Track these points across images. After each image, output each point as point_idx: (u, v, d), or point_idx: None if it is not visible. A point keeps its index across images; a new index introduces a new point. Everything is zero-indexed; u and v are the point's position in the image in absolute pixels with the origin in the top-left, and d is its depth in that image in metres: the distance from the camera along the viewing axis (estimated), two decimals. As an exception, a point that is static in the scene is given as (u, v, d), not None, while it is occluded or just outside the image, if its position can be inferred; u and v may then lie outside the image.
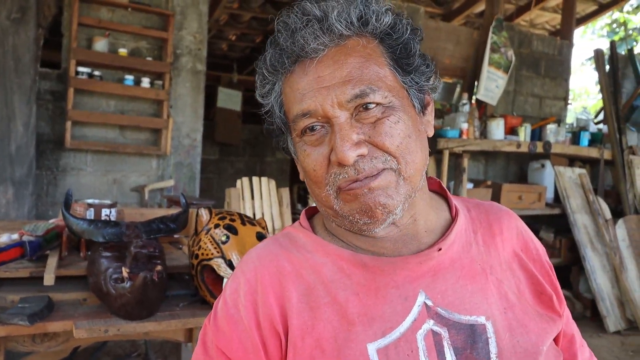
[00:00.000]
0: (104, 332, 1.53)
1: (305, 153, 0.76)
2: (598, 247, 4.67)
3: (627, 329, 4.44)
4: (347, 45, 0.73)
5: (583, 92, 14.39)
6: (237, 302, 0.76)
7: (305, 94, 0.73)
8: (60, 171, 3.98)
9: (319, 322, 0.72)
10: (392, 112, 0.73)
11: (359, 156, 0.71)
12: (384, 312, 0.72)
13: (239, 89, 8.02)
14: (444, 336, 0.72)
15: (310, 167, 0.75)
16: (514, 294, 0.79)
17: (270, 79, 0.79)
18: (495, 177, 5.43)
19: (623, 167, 5.04)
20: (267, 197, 3.69)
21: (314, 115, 0.73)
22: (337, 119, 0.72)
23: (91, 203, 2.07)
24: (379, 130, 0.72)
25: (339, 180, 0.72)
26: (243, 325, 0.74)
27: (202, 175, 4.88)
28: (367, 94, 0.71)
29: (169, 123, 4.20)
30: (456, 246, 0.79)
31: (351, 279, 0.75)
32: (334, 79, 0.72)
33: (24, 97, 3.28)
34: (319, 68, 0.73)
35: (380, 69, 0.74)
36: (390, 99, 0.73)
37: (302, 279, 0.76)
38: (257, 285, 0.76)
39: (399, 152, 0.72)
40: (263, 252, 0.81)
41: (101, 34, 4.04)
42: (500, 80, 4.93)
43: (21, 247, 1.71)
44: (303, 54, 0.73)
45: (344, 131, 0.71)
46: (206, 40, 4.53)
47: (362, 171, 0.71)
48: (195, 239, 1.75)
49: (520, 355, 0.74)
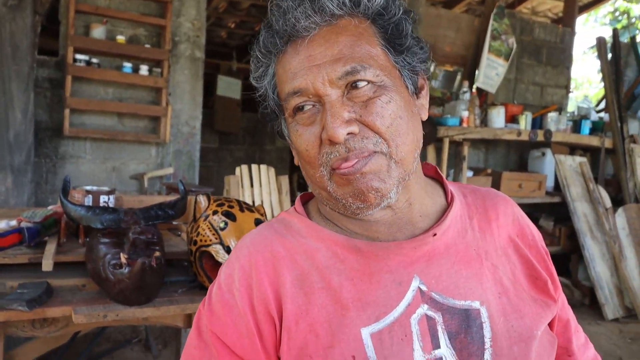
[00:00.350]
0: (103, 318, 1.54)
1: (297, 133, 0.76)
2: (597, 235, 4.67)
3: (626, 317, 4.46)
4: (338, 24, 0.73)
5: (585, 81, 14.34)
6: (232, 287, 0.76)
7: (296, 73, 0.73)
8: (59, 159, 3.97)
9: (313, 307, 0.72)
10: (384, 92, 0.73)
11: (349, 134, 0.71)
12: (377, 297, 0.73)
13: (238, 77, 7.99)
14: (438, 321, 0.72)
15: (303, 147, 0.75)
16: (508, 279, 0.79)
17: (263, 62, 0.79)
18: (495, 166, 5.43)
19: (624, 156, 5.03)
20: (266, 184, 3.68)
21: (305, 94, 0.73)
22: (328, 96, 0.72)
23: (89, 190, 2.06)
24: (370, 110, 0.72)
25: (331, 159, 0.72)
26: (237, 309, 0.74)
27: (201, 163, 4.88)
28: (357, 70, 0.71)
29: (168, 111, 4.19)
30: (451, 231, 0.79)
31: (345, 264, 0.75)
32: (325, 57, 0.72)
33: (22, 85, 3.26)
34: (310, 47, 0.73)
35: (372, 48, 0.74)
36: (381, 78, 0.73)
37: (296, 264, 0.76)
38: (251, 271, 0.76)
39: (389, 133, 0.72)
40: (257, 237, 0.81)
41: (99, 21, 4.02)
42: (500, 68, 4.91)
43: (19, 233, 1.71)
44: (295, 33, 0.73)
45: (334, 109, 0.71)
46: (205, 27, 4.50)
47: (353, 150, 0.71)
48: (193, 226, 1.75)
49: (514, 340, 0.74)
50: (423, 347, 0.71)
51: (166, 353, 3.32)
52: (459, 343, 0.72)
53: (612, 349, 3.82)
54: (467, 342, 0.72)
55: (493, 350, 0.72)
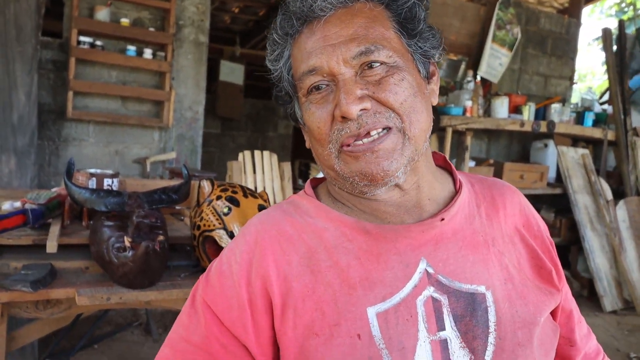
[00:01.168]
0: (106, 300, 1.55)
1: (310, 112, 0.78)
2: (598, 227, 4.68)
3: (624, 309, 4.49)
4: (354, 7, 0.76)
5: (589, 73, 14.27)
6: (231, 260, 0.78)
7: (311, 52, 0.75)
8: (62, 141, 3.97)
9: (320, 286, 0.73)
10: (397, 71, 0.75)
11: (362, 110, 0.72)
12: (384, 277, 0.74)
13: (241, 62, 7.95)
14: (443, 303, 0.73)
15: (315, 124, 0.77)
16: (514, 267, 0.81)
17: (280, 43, 0.81)
18: (497, 156, 5.42)
19: (626, 148, 5.02)
20: (268, 171, 3.69)
21: (319, 73, 0.75)
22: (342, 75, 0.73)
23: (93, 172, 2.07)
24: (384, 87, 0.73)
25: (341, 136, 0.74)
26: (232, 281, 0.76)
27: (203, 149, 4.87)
28: (371, 51, 0.73)
29: (171, 95, 4.18)
30: (459, 217, 0.80)
31: (353, 243, 0.76)
32: (340, 37, 0.74)
33: (26, 67, 3.25)
34: (326, 27, 0.75)
35: (386, 31, 0.76)
36: (395, 59, 0.75)
37: (304, 243, 0.77)
38: (255, 247, 0.78)
39: (402, 109, 0.74)
40: (265, 217, 0.83)
41: (103, 3, 3.99)
42: (504, 58, 4.88)
43: (24, 214, 1.71)
44: (311, 13, 0.75)
45: (348, 86, 0.73)
46: (209, 12, 4.47)
47: (365, 125, 0.72)
48: (197, 211, 1.76)
49: (518, 325, 0.75)
50: (428, 328, 0.71)
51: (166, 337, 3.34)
52: (464, 326, 0.73)
53: (610, 340, 3.84)
54: (472, 325, 0.73)
55: (497, 334, 0.73)
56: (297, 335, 0.72)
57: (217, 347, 0.75)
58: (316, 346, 0.70)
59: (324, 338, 0.70)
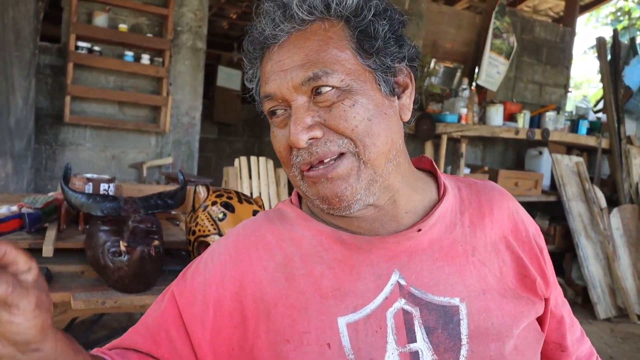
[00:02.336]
0: (102, 304, 1.56)
1: (273, 134, 0.79)
2: (592, 235, 4.71)
3: (617, 317, 4.50)
4: (307, 30, 0.73)
5: (584, 81, 14.34)
6: (209, 260, 0.82)
7: (268, 78, 0.75)
8: (59, 146, 3.98)
9: (293, 292, 0.75)
10: (348, 96, 0.72)
11: (312, 139, 0.72)
12: (356, 288, 0.74)
13: (239, 68, 7.98)
14: (415, 315, 0.74)
15: (277, 148, 0.78)
16: (494, 276, 0.80)
17: (250, 65, 0.82)
18: (492, 163, 5.45)
19: (620, 157, 5.06)
20: (264, 177, 3.70)
21: (274, 99, 0.75)
22: (295, 102, 0.73)
23: (90, 177, 2.08)
24: (334, 114, 0.72)
25: (298, 163, 0.74)
26: (204, 278, 0.80)
27: (200, 154, 4.88)
28: (319, 76, 0.71)
29: (168, 101, 4.19)
30: (438, 227, 0.79)
31: (328, 253, 0.77)
32: (292, 63, 0.72)
33: (24, 71, 3.27)
34: (280, 52, 0.74)
35: (340, 52, 0.73)
36: (347, 82, 0.72)
37: (281, 250, 0.79)
38: (234, 250, 0.80)
39: (355, 134, 0.72)
40: (250, 223, 0.85)
41: (101, 8, 4.02)
42: (501, 66, 4.92)
43: (20, 219, 1.72)
44: (266, 40, 0.75)
45: (297, 114, 0.72)
46: (207, 18, 4.50)
47: (315, 154, 0.72)
48: (192, 216, 1.77)
49: (492, 337, 0.75)
50: (397, 340, 0.72)
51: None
52: (436, 338, 0.73)
53: (603, 348, 3.86)
54: (444, 337, 0.73)
55: (469, 347, 0.73)
56: (270, 340, 0.73)
57: (163, 336, 0.79)
58: (287, 352, 0.72)
59: (294, 345, 0.72)
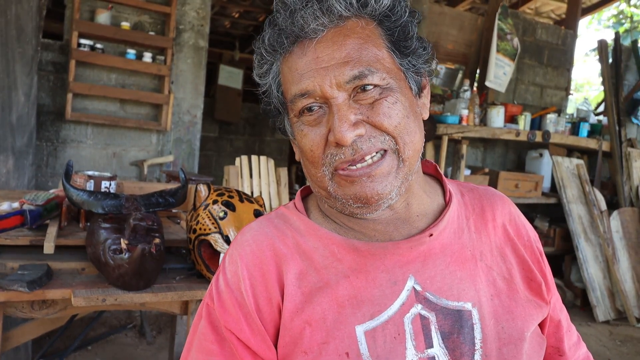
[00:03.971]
0: (102, 301, 1.56)
1: (302, 133, 0.77)
2: (592, 237, 4.71)
3: (616, 319, 4.51)
4: (346, 26, 0.73)
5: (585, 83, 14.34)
6: (239, 286, 0.77)
7: (303, 74, 0.73)
8: (60, 143, 3.99)
9: (309, 305, 0.74)
10: (390, 94, 0.73)
11: (356, 136, 0.72)
12: (373, 296, 0.74)
13: (240, 67, 7.99)
14: (431, 320, 0.74)
15: (308, 147, 0.76)
16: (503, 280, 0.80)
17: (268, 59, 0.79)
18: (493, 165, 5.45)
19: (620, 159, 5.06)
20: (265, 176, 3.71)
21: (312, 96, 0.73)
22: (335, 99, 0.72)
23: (91, 175, 2.08)
24: (377, 111, 0.72)
25: (335, 161, 0.73)
26: (247, 309, 0.76)
27: (201, 152, 4.89)
28: (365, 75, 0.72)
29: (170, 99, 4.20)
30: (447, 232, 0.80)
31: (342, 263, 0.76)
32: (332, 60, 0.72)
33: (26, 67, 3.27)
34: (318, 49, 0.73)
35: (379, 51, 0.74)
36: (387, 81, 0.74)
37: (296, 263, 0.77)
38: (255, 270, 0.77)
39: (397, 132, 0.73)
40: (258, 234, 0.82)
41: (104, 6, 4.02)
42: (507, 68, 4.92)
43: (21, 215, 1.73)
44: (302, 34, 0.73)
45: (342, 112, 0.71)
46: (209, 17, 4.50)
47: (360, 151, 0.72)
48: (193, 214, 1.77)
49: (504, 341, 0.75)
50: (416, 345, 0.72)
51: (160, 339, 3.35)
52: (452, 343, 0.73)
53: (602, 350, 3.86)
54: (460, 342, 0.73)
55: (483, 351, 0.73)
56: (286, 353, 0.73)
57: None
58: None
59: (312, 356, 0.71)
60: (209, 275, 1.74)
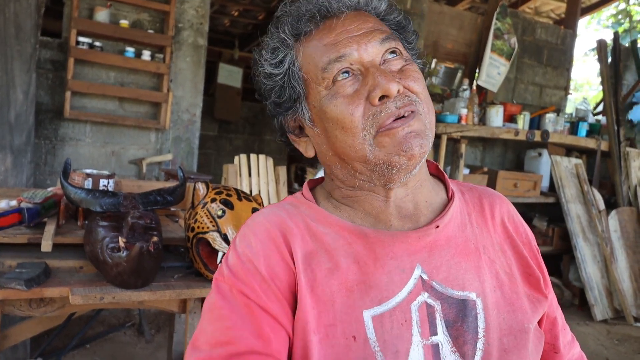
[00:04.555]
0: (100, 300, 1.56)
1: (336, 102, 0.78)
2: (590, 237, 4.71)
3: (614, 319, 4.52)
4: (361, 12, 0.83)
5: (585, 83, 14.34)
6: (251, 258, 0.77)
7: (337, 43, 0.79)
8: (58, 141, 3.98)
9: (319, 286, 0.75)
10: (412, 63, 0.81)
11: (399, 90, 0.76)
12: (381, 282, 0.75)
13: (240, 65, 7.98)
14: (436, 309, 0.76)
15: (347, 112, 0.77)
16: (505, 274, 0.83)
17: (282, 48, 0.83)
18: (492, 164, 5.46)
19: (619, 159, 5.07)
20: (264, 174, 3.70)
21: (347, 60, 0.78)
22: (371, 61, 0.78)
23: (89, 173, 2.08)
24: (407, 74, 0.79)
25: (380, 118, 0.75)
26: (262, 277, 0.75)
27: (200, 151, 4.88)
28: (394, 39, 0.81)
29: (169, 97, 4.19)
30: (452, 225, 0.83)
31: (352, 247, 0.78)
32: (361, 29, 0.79)
33: (25, 65, 3.26)
34: (346, 22, 0.80)
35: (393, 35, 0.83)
36: (407, 56, 0.83)
37: (307, 243, 0.78)
38: (269, 243, 0.77)
39: (423, 96, 0.79)
40: (270, 215, 0.83)
41: (103, 4, 4.01)
42: (502, 67, 4.92)
43: (19, 213, 1.73)
44: (328, 13, 0.81)
45: (381, 69, 0.77)
46: (208, 15, 4.50)
47: (402, 106, 0.76)
48: (191, 213, 1.77)
49: (504, 332, 0.77)
50: (421, 332, 0.74)
51: (159, 338, 3.35)
52: (455, 331, 0.75)
53: (600, 349, 3.87)
54: (463, 330, 0.75)
55: (485, 340, 0.76)
56: (299, 328, 0.74)
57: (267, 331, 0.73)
58: (314, 343, 0.72)
59: (319, 337, 0.72)
60: (207, 274, 1.74)
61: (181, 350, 2.23)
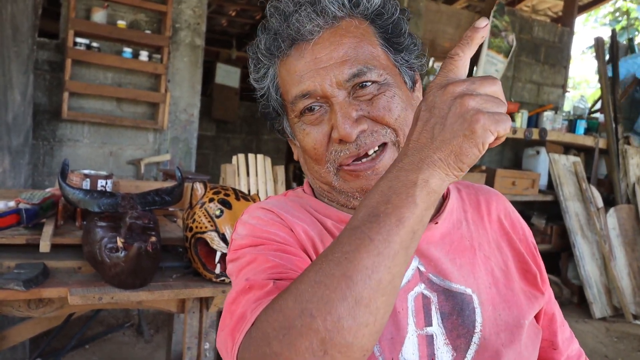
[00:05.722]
0: (98, 300, 1.56)
1: (304, 132, 0.79)
2: (588, 234, 4.72)
3: (613, 316, 4.52)
4: (340, 26, 0.76)
5: (582, 81, 14.35)
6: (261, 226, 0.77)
7: (303, 76, 0.76)
8: (56, 142, 3.98)
9: None
10: (387, 88, 0.77)
11: (360, 132, 0.74)
12: None
13: (237, 65, 7.98)
14: (432, 300, 0.76)
15: (311, 145, 0.78)
16: (500, 271, 0.83)
17: (265, 63, 0.82)
18: (490, 162, 5.46)
19: (617, 157, 5.07)
20: (262, 174, 3.70)
21: (313, 96, 0.76)
22: (336, 98, 0.75)
23: (87, 173, 2.08)
24: (377, 105, 0.75)
25: (340, 157, 0.76)
26: (282, 225, 0.77)
27: (198, 151, 4.88)
28: (363, 72, 0.75)
29: (167, 97, 4.19)
30: (447, 222, 0.83)
31: None
32: (331, 60, 0.75)
33: (22, 67, 3.26)
34: (316, 49, 0.75)
35: (374, 49, 0.78)
36: (384, 77, 0.77)
37: (313, 226, 0.80)
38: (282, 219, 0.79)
39: (397, 124, 0.76)
40: (277, 201, 0.85)
41: (100, 4, 4.01)
42: (500, 65, 4.92)
43: (17, 214, 1.73)
44: (299, 36, 0.76)
45: (344, 109, 0.74)
46: (205, 15, 4.49)
47: (364, 146, 0.75)
48: (189, 213, 1.77)
49: (500, 327, 0.78)
50: (416, 322, 0.75)
51: (158, 338, 3.35)
52: (450, 324, 0.76)
53: (598, 347, 3.88)
54: (458, 324, 0.76)
55: (482, 334, 0.76)
56: None
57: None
58: None
59: None
60: (206, 274, 1.74)
61: (180, 350, 2.23)
